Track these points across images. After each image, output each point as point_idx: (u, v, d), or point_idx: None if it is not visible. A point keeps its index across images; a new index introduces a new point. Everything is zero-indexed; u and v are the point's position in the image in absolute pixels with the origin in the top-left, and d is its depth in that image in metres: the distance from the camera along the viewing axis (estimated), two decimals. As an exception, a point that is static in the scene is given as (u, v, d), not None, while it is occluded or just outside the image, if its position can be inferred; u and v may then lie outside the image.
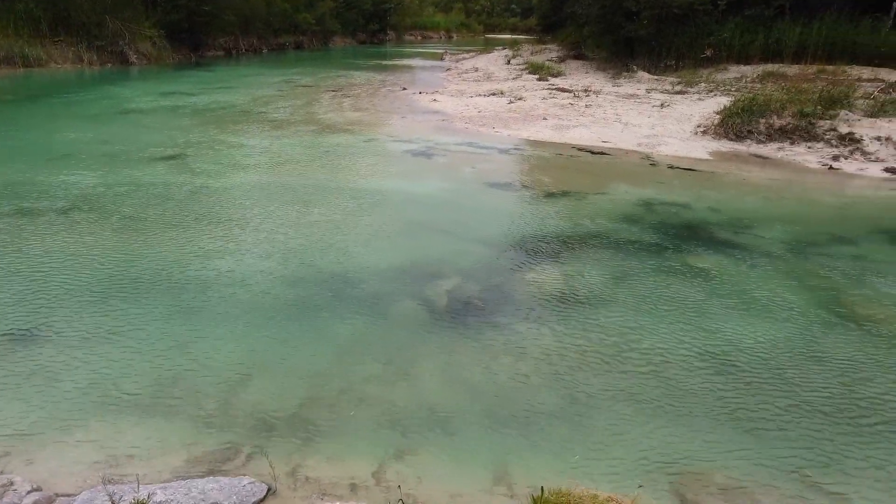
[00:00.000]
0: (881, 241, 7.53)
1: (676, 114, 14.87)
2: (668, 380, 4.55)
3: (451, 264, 6.53)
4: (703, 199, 9.18)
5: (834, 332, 5.31)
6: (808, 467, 3.70)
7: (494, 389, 4.38)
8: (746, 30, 20.18)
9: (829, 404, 4.30)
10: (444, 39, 73.29)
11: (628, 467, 3.63)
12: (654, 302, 5.79)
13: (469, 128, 14.62)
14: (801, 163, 11.49)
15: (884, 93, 14.21)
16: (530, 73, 25.14)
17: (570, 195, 9.25)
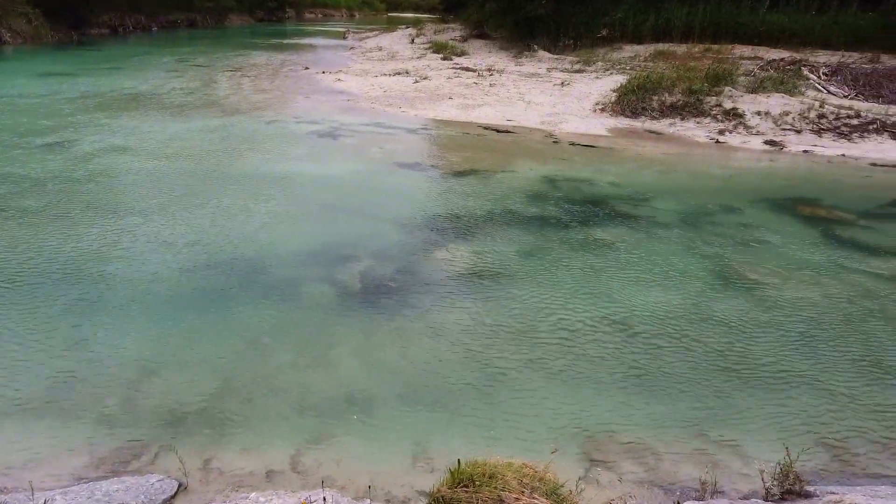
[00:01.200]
0: (763, 209, 8.12)
1: (576, 92, 15.33)
2: (575, 348, 4.74)
3: (363, 246, 6.48)
4: (604, 174, 9.55)
5: (724, 294, 5.70)
6: (705, 421, 3.98)
7: (411, 368, 4.41)
8: (639, 10, 21.02)
9: (722, 362, 4.63)
10: (347, 18, 71.81)
11: (542, 434, 3.77)
12: (560, 274, 6.00)
13: (375, 108, 14.48)
14: (691, 137, 12.18)
15: (763, 70, 15.23)
16: (434, 52, 25.11)
17: (477, 173, 9.37)
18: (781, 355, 4.73)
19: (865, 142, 11.44)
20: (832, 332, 5.09)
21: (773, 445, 3.72)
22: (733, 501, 2.90)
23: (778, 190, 9.07)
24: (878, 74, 14.53)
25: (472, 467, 1.98)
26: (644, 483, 3.34)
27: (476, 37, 28.39)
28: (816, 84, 14.20)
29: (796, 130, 11.87)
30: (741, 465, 3.54)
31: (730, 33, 19.39)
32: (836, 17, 19.52)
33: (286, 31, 46.01)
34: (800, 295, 5.69)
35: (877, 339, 4.99)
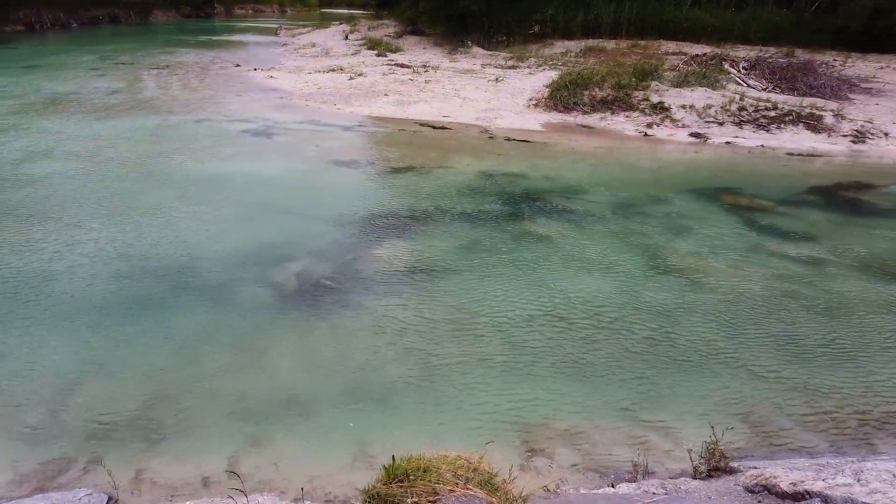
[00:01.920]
0: (689, 199, 8.44)
1: (510, 88, 15.52)
2: (513, 340, 4.82)
3: (299, 246, 6.40)
4: (538, 168, 9.72)
5: (654, 282, 5.90)
6: (637, 405, 4.12)
7: (351, 367, 4.40)
8: (569, 7, 21.45)
9: (652, 347, 4.80)
10: (278, 14, 70.37)
11: (481, 425, 3.82)
12: (498, 268, 6.08)
13: (310, 105, 14.28)
14: (621, 131, 12.53)
15: (687, 65, 15.80)
16: (369, 48, 24.93)
17: (415, 170, 9.38)
18: (707, 338, 4.94)
19: (782, 132, 12.03)
20: (754, 314, 5.35)
21: (700, 425, 3.88)
22: (664, 481, 3.02)
23: (703, 180, 9.44)
24: (793, 68, 15.29)
25: (407, 462, 2.00)
26: (580, 468, 3.45)
27: (410, 33, 28.35)
28: (737, 78, 14.84)
29: (719, 123, 12.38)
30: (671, 445, 3.69)
31: (655, 29, 20.04)
32: (754, 13, 20.44)
33: (215, 27, 44.73)
34: (724, 280, 5.96)
35: (794, 320, 5.27)
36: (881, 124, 12.23)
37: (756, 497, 2.57)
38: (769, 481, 2.62)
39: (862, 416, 4.09)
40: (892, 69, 17.42)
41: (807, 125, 12.11)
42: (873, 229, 7.49)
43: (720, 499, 2.62)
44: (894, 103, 14.04)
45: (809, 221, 7.67)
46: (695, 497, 2.66)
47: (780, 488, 2.52)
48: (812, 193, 8.92)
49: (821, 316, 5.36)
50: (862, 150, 11.48)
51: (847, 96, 14.27)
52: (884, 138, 11.79)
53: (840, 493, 2.33)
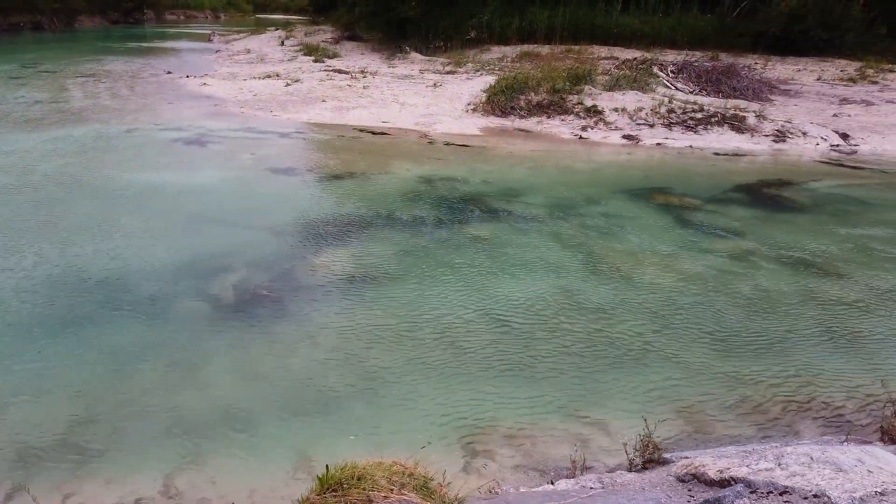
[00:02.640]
0: (623, 199, 8.69)
1: (448, 93, 15.63)
2: (454, 343, 4.86)
3: (236, 256, 6.27)
4: (477, 172, 9.81)
5: (590, 281, 6.05)
6: (576, 402, 4.21)
7: (291, 378, 4.34)
8: (504, 13, 21.77)
9: (590, 345, 4.91)
10: (211, 20, 68.66)
11: (424, 430, 3.83)
12: (438, 272, 6.11)
13: (245, 112, 14.00)
14: (557, 134, 12.79)
15: (618, 69, 16.27)
16: (306, 54, 24.64)
17: (354, 176, 9.33)
18: (642, 334, 5.09)
19: (709, 133, 12.53)
20: (685, 308, 5.54)
21: (637, 419, 3.99)
22: (601, 475, 3.10)
23: (636, 180, 9.74)
24: (718, 71, 15.95)
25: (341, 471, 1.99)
26: (521, 467, 3.50)
27: (348, 39, 28.18)
28: (666, 81, 15.36)
29: (650, 125, 12.79)
30: (609, 440, 3.79)
31: (588, 34, 20.56)
32: (680, 18, 21.23)
33: (145, 33, 43.29)
34: (657, 277, 6.16)
35: (723, 313, 5.49)
36: (799, 124, 12.88)
37: (686, 486, 2.67)
38: (698, 470, 2.72)
39: (787, 403, 4.29)
40: (808, 71, 18.40)
41: (731, 126, 12.65)
42: (794, 224, 7.88)
43: (653, 489, 2.71)
44: (811, 104, 14.82)
45: (735, 218, 8.01)
46: (629, 489, 2.74)
47: (708, 476, 2.63)
48: (738, 191, 9.32)
49: (747, 308, 5.60)
50: (783, 148, 12.07)
51: (768, 98, 14.97)
52: (802, 137, 12.43)
53: (762, 477, 2.44)
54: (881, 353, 4.93)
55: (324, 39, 29.00)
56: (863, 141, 12.47)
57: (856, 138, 12.56)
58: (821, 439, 3.55)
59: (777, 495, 2.26)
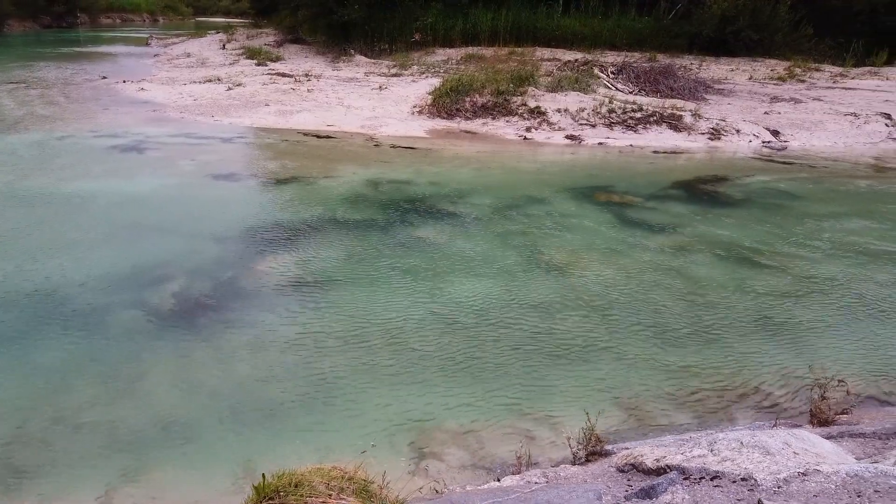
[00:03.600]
0: (567, 198, 8.85)
1: (394, 96, 15.61)
2: (403, 346, 4.86)
3: (177, 265, 6.13)
4: (424, 174, 9.84)
5: (536, 279, 6.14)
6: (523, 399, 4.27)
7: (235, 387, 4.26)
8: (448, 16, 21.89)
9: (536, 342, 4.99)
10: (149, 23, 66.65)
11: (372, 433, 3.82)
12: (386, 275, 6.10)
13: (185, 117, 13.67)
14: (502, 135, 12.93)
15: (560, 70, 16.56)
16: (248, 58, 24.19)
17: (299, 180, 9.22)
18: (586, 329, 5.20)
19: (648, 132, 12.89)
20: (627, 303, 5.69)
21: (581, 413, 4.08)
22: (545, 470, 3.15)
23: (579, 179, 9.93)
24: (655, 72, 16.41)
25: (278, 479, 1.97)
26: (468, 466, 3.53)
27: (291, 42, 27.81)
28: (606, 82, 15.72)
29: (591, 125, 13.07)
30: (554, 435, 3.85)
31: (531, 36, 20.87)
32: (619, 20, 21.74)
33: (79, 38, 41.71)
34: (599, 273, 6.30)
35: (663, 306, 5.65)
36: (733, 122, 13.38)
37: (626, 476, 2.74)
38: (637, 460, 2.80)
39: (723, 391, 4.46)
40: (740, 71, 19.12)
41: (669, 125, 13.04)
42: (729, 218, 8.18)
43: (594, 481, 2.77)
44: (744, 102, 15.41)
45: (674, 214, 8.27)
46: (571, 482, 2.81)
47: (646, 465, 2.71)
48: (676, 188, 9.61)
49: (686, 301, 5.79)
50: (718, 146, 12.52)
51: (703, 97, 15.49)
52: (736, 135, 12.91)
53: (695, 463, 2.53)
54: (811, 340, 5.17)
55: (266, 42, 28.55)
56: (792, 137, 13.05)
57: (786, 135, 13.13)
58: (753, 424, 3.70)
59: (708, 480, 2.35)
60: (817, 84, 17.77)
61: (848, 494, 2.13)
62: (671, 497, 2.18)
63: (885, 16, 21.96)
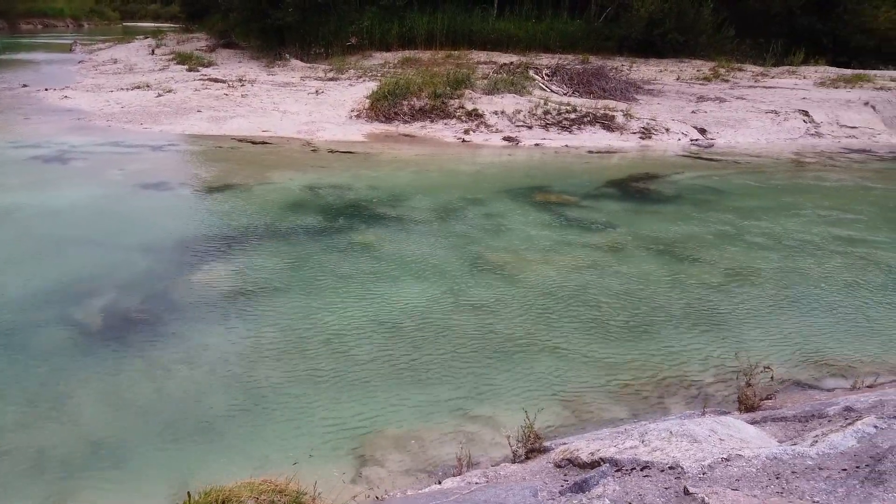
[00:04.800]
0: (505, 199, 8.96)
1: (331, 100, 15.46)
2: (343, 353, 4.81)
3: (105, 279, 5.90)
4: (363, 178, 9.78)
5: (477, 280, 6.19)
6: (464, 401, 4.29)
7: (169, 402, 4.13)
8: (384, 19, 21.83)
9: (477, 343, 5.02)
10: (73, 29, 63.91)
11: (311, 442, 3.77)
12: (326, 282, 6.04)
13: (112, 126, 13.17)
14: (441, 138, 12.99)
15: (496, 73, 16.75)
16: (179, 63, 23.50)
17: (234, 188, 9.02)
18: (526, 328, 5.27)
19: (583, 132, 13.18)
20: (565, 300, 5.80)
21: (521, 411, 4.14)
22: (486, 470, 3.18)
23: (517, 180, 10.07)
24: (588, 73, 16.80)
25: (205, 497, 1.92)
26: (409, 471, 3.52)
27: (224, 46, 27.16)
28: (541, 84, 16.00)
29: (528, 126, 13.28)
30: (495, 435, 3.89)
31: (466, 39, 21.04)
32: (552, 23, 22.17)
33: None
34: (538, 272, 6.40)
35: (600, 302, 5.79)
36: (662, 121, 13.83)
37: (563, 471, 2.79)
38: (573, 454, 2.86)
39: (657, 383, 4.59)
40: (668, 72, 19.79)
41: (603, 125, 13.38)
42: (660, 214, 8.45)
43: (533, 478, 2.81)
44: (672, 102, 15.95)
45: (608, 212, 8.48)
46: (510, 480, 2.84)
47: (581, 459, 2.77)
48: (610, 186, 9.87)
49: (621, 296, 5.94)
50: (649, 144, 12.92)
51: (634, 97, 15.95)
52: (666, 133, 13.35)
53: (627, 455, 2.60)
54: (738, 329, 5.39)
55: (198, 47, 27.79)
56: (718, 135, 13.59)
57: (712, 133, 13.66)
58: (684, 413, 3.83)
59: (639, 471, 2.42)
60: (740, 83, 18.57)
61: (768, 476, 2.23)
62: (603, 489, 2.24)
63: (801, 17, 23.12)
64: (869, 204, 9.33)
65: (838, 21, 23.32)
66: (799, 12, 23.12)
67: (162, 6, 79.61)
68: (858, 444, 2.45)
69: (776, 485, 2.16)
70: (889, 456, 2.26)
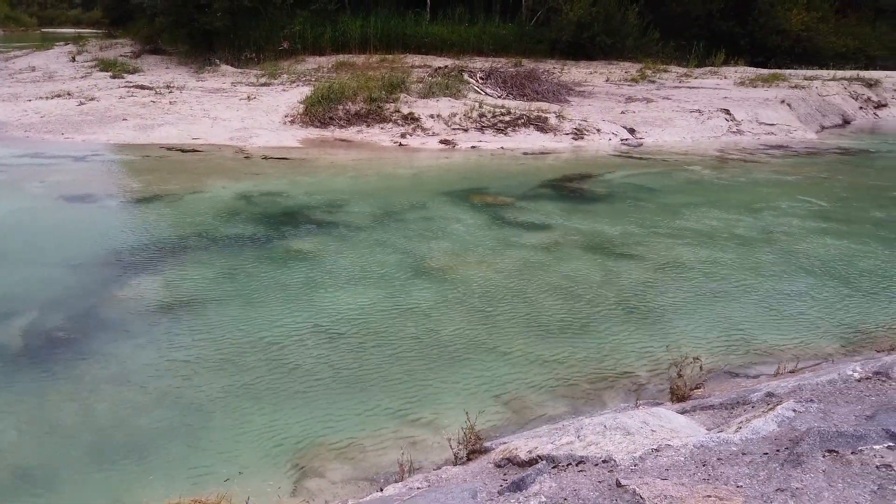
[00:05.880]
0: (443, 202, 9.00)
1: (264, 105, 15.18)
2: (282, 363, 4.73)
3: (25, 298, 5.62)
4: (299, 185, 9.64)
5: (417, 284, 6.19)
6: (407, 406, 4.29)
7: (97, 424, 3.96)
8: (316, 23, 21.61)
9: (419, 347, 5.02)
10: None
11: (250, 458, 3.69)
12: (263, 292, 5.91)
13: (31, 136, 12.56)
14: (378, 142, 12.95)
15: (431, 77, 16.82)
16: (102, 70, 22.59)
17: (164, 198, 8.74)
18: (467, 330, 5.30)
19: (517, 134, 13.39)
20: (504, 301, 5.87)
21: (463, 413, 4.16)
22: (428, 474, 3.18)
23: (454, 183, 10.14)
24: (521, 76, 17.07)
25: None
26: (351, 480, 3.49)
27: (150, 52, 26.28)
28: (476, 87, 16.16)
29: (464, 129, 13.39)
30: (437, 438, 3.89)
31: (400, 44, 21.07)
32: (485, 27, 22.46)
33: None
34: (477, 273, 6.45)
35: (538, 301, 5.88)
36: (594, 122, 14.19)
37: (502, 470, 2.82)
38: (512, 453, 2.90)
39: (595, 378, 4.70)
40: (598, 74, 20.33)
41: (536, 127, 13.62)
42: (594, 213, 8.67)
43: (474, 479, 2.83)
44: (602, 103, 16.39)
45: (544, 212, 8.64)
46: (451, 483, 2.85)
47: (520, 458, 2.81)
48: (545, 187, 10.06)
49: (559, 294, 6.05)
50: (581, 145, 13.23)
51: (566, 99, 16.30)
52: (597, 134, 13.71)
53: (563, 451, 2.66)
54: (671, 321, 5.57)
55: (122, 53, 26.79)
56: (646, 134, 14.04)
57: (641, 132, 14.11)
58: (619, 407, 3.94)
59: (574, 466, 2.47)
60: (666, 84, 19.25)
61: (695, 464, 2.32)
62: (539, 487, 2.28)
63: (720, 20, 24.19)
64: (787, 197, 9.82)
65: (755, 23, 24.52)
66: (718, 15, 24.19)
67: (83, 11, 76.40)
68: (779, 428, 2.57)
69: (703, 472, 2.25)
70: (806, 438, 2.39)
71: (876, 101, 19.86)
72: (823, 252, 7.24)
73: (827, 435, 2.35)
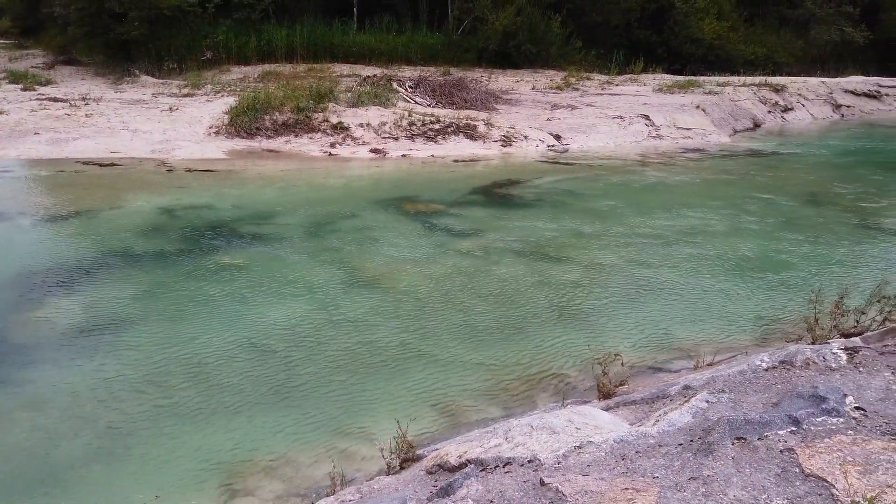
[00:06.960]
0: (375, 211, 8.98)
1: (187, 117, 14.75)
2: (209, 381, 4.61)
3: (-74, 326, 5.26)
4: (225, 197, 9.42)
5: (350, 295, 6.15)
6: (339, 418, 4.25)
7: (12, 455, 3.76)
8: (240, 32, 21.19)
9: (352, 358, 4.99)
10: None
11: (173, 481, 3.58)
12: (188, 308, 5.75)
13: (-69, 153, 11.77)
14: (307, 152, 12.80)
15: (360, 86, 16.78)
16: (11, 82, 21.38)
17: (81, 214, 8.37)
18: (400, 339, 5.31)
19: (447, 142, 13.51)
20: (437, 308, 5.91)
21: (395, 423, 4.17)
22: (360, 485, 3.17)
23: (386, 191, 10.14)
24: (450, 84, 17.26)
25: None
26: (282, 497, 3.44)
27: (64, 63, 25.08)
28: (405, 96, 16.22)
29: (394, 138, 13.41)
30: (371, 450, 3.88)
31: (328, 53, 20.91)
32: (412, 36, 22.58)
33: None
34: (410, 281, 6.47)
35: (471, 307, 5.94)
36: (521, 129, 14.48)
37: (433, 477, 2.85)
38: (443, 459, 2.92)
39: (527, 379, 4.79)
40: (524, 82, 20.77)
41: (466, 134, 13.78)
42: (523, 218, 8.84)
43: (405, 488, 2.85)
44: (529, 111, 16.75)
45: (475, 218, 8.75)
46: (383, 493, 2.85)
47: (451, 463, 2.84)
48: (476, 193, 10.19)
49: (490, 298, 6.14)
50: (510, 152, 13.48)
51: (494, 107, 16.57)
52: (525, 141, 13.99)
53: (492, 454, 2.71)
54: (598, 322, 5.74)
55: (34, 65, 25.45)
56: (572, 140, 14.44)
57: (566, 138, 14.49)
58: (548, 406, 4.04)
59: (501, 468, 2.52)
60: (589, 91, 19.84)
61: (615, 459, 2.41)
62: (466, 491, 2.32)
63: (638, 29, 25.16)
64: (704, 197, 10.30)
65: (670, 32, 25.63)
66: (636, 25, 25.16)
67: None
68: (693, 419, 2.70)
69: (622, 466, 2.34)
70: (717, 427, 2.52)
71: (783, 105, 21.07)
72: (741, 248, 7.62)
73: (736, 423, 2.49)
